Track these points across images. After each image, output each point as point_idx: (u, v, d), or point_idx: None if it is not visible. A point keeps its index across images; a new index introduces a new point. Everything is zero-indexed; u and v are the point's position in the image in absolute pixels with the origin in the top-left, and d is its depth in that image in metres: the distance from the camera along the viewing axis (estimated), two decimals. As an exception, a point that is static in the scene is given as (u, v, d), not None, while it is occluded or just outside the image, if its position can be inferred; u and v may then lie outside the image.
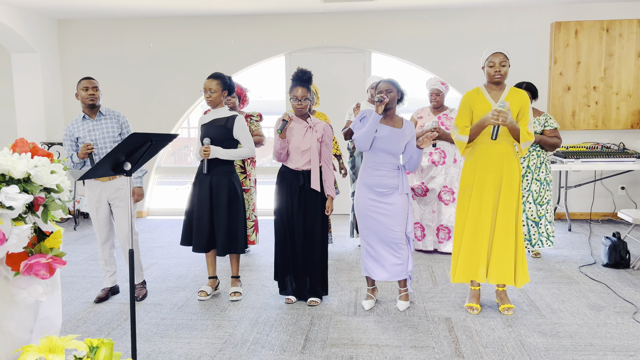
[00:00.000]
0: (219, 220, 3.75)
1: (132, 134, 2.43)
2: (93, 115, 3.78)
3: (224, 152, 3.70)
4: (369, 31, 6.53)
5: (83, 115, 3.78)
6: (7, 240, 1.69)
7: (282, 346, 3.11)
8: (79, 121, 3.79)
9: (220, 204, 3.73)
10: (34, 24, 6.43)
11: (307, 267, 3.74)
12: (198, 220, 3.76)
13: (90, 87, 3.73)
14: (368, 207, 3.56)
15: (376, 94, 3.45)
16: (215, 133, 3.71)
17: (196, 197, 3.78)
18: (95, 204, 3.80)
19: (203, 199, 3.74)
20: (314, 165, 3.65)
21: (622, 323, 3.37)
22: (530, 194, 4.72)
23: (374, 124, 3.39)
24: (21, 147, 1.87)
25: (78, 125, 3.78)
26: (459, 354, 2.97)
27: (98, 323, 3.49)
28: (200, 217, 3.76)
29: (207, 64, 6.71)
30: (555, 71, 6.21)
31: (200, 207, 3.76)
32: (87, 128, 3.75)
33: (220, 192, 3.73)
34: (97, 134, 3.75)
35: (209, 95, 3.72)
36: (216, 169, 3.74)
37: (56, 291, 1.98)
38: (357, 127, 3.53)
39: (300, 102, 3.62)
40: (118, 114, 3.86)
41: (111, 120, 3.80)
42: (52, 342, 1.72)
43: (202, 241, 3.77)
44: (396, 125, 3.52)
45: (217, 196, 3.74)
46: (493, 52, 3.42)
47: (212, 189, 3.74)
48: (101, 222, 3.83)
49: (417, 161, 3.54)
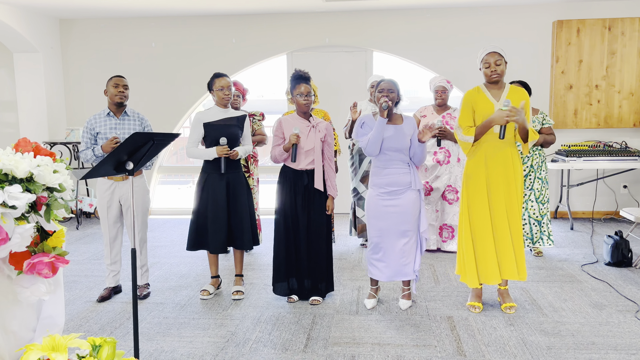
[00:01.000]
0: (239, 216, 3.77)
1: (134, 133, 2.44)
2: (118, 113, 3.80)
3: (243, 151, 3.83)
4: (370, 30, 6.53)
5: (108, 112, 3.80)
6: (10, 239, 1.69)
7: (284, 345, 3.12)
8: (102, 116, 3.79)
9: (239, 201, 3.77)
10: (36, 24, 6.44)
11: (312, 267, 3.74)
12: (215, 221, 3.74)
13: (121, 84, 3.76)
14: (380, 207, 3.53)
15: (377, 93, 3.45)
16: (231, 132, 3.74)
17: (210, 198, 3.75)
18: (107, 203, 3.81)
19: (219, 199, 3.73)
20: (318, 165, 3.66)
21: (624, 322, 3.36)
22: (533, 193, 4.72)
23: (381, 129, 3.39)
24: (24, 147, 1.87)
25: (101, 120, 3.78)
26: (461, 353, 2.97)
27: (101, 322, 3.50)
28: (217, 217, 3.74)
29: (209, 63, 6.72)
30: (557, 70, 6.20)
31: (216, 208, 3.74)
32: (110, 125, 3.77)
33: (238, 190, 3.77)
34: (119, 132, 3.77)
35: (229, 94, 3.75)
36: (231, 167, 3.78)
37: (59, 290, 1.98)
38: (360, 134, 3.53)
39: (307, 98, 3.63)
40: (142, 117, 3.87)
41: (134, 121, 3.82)
42: (55, 341, 1.72)
43: (221, 242, 3.76)
44: (397, 122, 3.53)
45: (234, 194, 3.76)
46: (487, 52, 3.41)
47: (229, 187, 3.76)
48: (111, 222, 3.85)
49: (421, 155, 3.53)
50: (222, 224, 3.75)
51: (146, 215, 3.92)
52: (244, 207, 3.79)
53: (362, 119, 3.57)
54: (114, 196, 3.81)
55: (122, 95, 3.75)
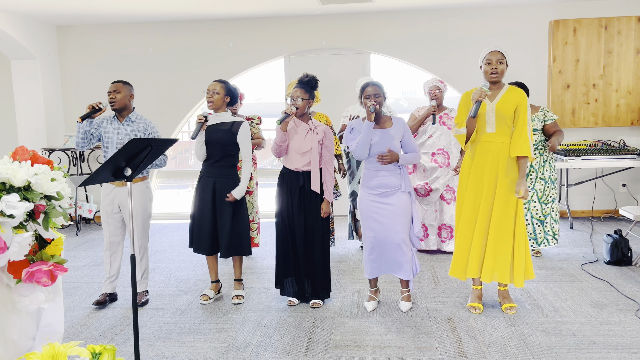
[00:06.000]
0: (222, 222, 3.75)
1: (132, 139, 2.44)
2: (121, 118, 3.81)
3: (244, 185, 3.75)
4: (367, 32, 6.54)
5: (114, 116, 3.83)
6: (8, 248, 1.69)
7: (285, 349, 3.11)
8: (108, 119, 3.81)
9: (224, 206, 3.74)
10: (33, 31, 6.45)
11: (309, 269, 3.74)
12: (199, 222, 3.79)
13: (112, 90, 3.76)
14: (371, 208, 3.57)
15: (364, 98, 3.51)
16: (220, 137, 3.71)
17: (198, 199, 3.80)
18: (107, 208, 3.82)
19: (205, 201, 3.76)
20: (314, 167, 3.67)
21: (624, 320, 3.36)
22: (535, 193, 4.72)
23: (369, 133, 3.45)
24: (21, 155, 1.88)
25: (107, 123, 3.80)
26: (462, 354, 2.97)
27: (101, 329, 3.50)
28: (202, 218, 3.78)
29: (207, 67, 6.72)
30: (554, 69, 6.21)
31: (202, 209, 3.77)
32: (113, 130, 3.78)
33: (224, 195, 3.74)
34: (119, 137, 3.77)
35: (211, 96, 3.72)
36: (220, 171, 3.75)
37: (58, 298, 1.99)
38: (350, 139, 3.60)
39: (294, 102, 3.66)
40: (148, 123, 3.83)
41: (137, 126, 3.80)
42: (54, 349, 1.72)
43: (204, 243, 3.79)
44: (386, 126, 3.57)
45: (220, 198, 3.74)
46: (490, 50, 3.44)
47: (215, 191, 3.75)
48: (112, 227, 3.85)
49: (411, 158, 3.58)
50: (207, 227, 3.76)
51: (147, 222, 3.92)
52: (227, 214, 3.73)
53: (351, 125, 3.64)
54: (114, 201, 3.81)
55: (113, 101, 3.74)
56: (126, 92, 3.78)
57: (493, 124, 3.43)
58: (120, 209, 3.84)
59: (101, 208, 3.87)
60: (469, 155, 3.54)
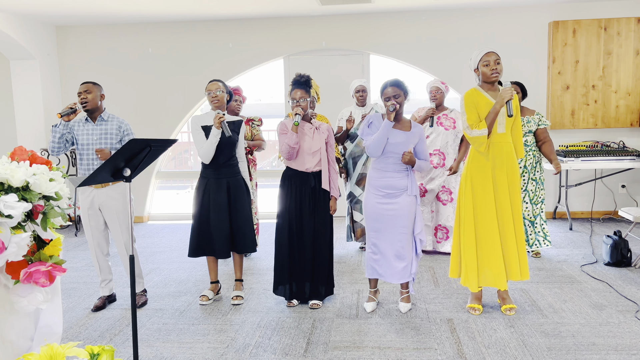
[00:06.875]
0: (241, 219, 3.75)
1: (131, 139, 2.43)
2: (94, 119, 3.78)
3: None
4: (367, 33, 6.54)
5: (86, 117, 3.78)
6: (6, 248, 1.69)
7: (284, 350, 3.11)
8: (80, 121, 3.77)
9: (240, 204, 3.75)
10: (32, 31, 6.44)
11: (315, 269, 3.74)
12: (218, 226, 3.71)
13: (82, 91, 3.71)
14: (376, 208, 3.56)
15: (384, 100, 3.45)
16: (230, 136, 3.70)
17: (211, 203, 3.73)
18: (88, 211, 3.74)
19: (221, 204, 3.71)
20: (324, 165, 3.68)
21: (624, 322, 3.36)
22: (527, 194, 4.73)
23: (386, 132, 3.39)
24: (20, 155, 1.87)
25: (80, 125, 3.76)
26: (461, 355, 2.97)
27: (100, 329, 3.49)
28: (220, 222, 3.71)
29: (206, 68, 6.72)
30: (553, 70, 6.21)
31: (219, 212, 3.71)
32: (87, 131, 3.74)
33: (238, 193, 3.75)
34: (95, 137, 3.73)
35: (216, 95, 3.71)
36: (230, 171, 3.76)
37: (56, 298, 1.98)
38: (366, 133, 3.53)
39: (297, 103, 3.64)
40: (121, 121, 3.81)
41: (111, 126, 3.79)
42: (53, 350, 1.72)
43: (224, 246, 3.73)
44: (405, 129, 3.52)
45: (235, 197, 3.74)
46: (486, 51, 3.42)
47: (229, 190, 3.74)
48: (94, 229, 3.77)
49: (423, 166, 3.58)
50: (226, 229, 3.72)
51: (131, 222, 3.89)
52: (244, 211, 3.77)
53: (370, 118, 3.56)
54: (94, 203, 3.73)
55: (85, 101, 3.70)
56: (97, 92, 3.74)
57: (503, 124, 3.43)
58: (101, 211, 3.77)
59: (81, 211, 3.76)
60: (484, 157, 3.47)
